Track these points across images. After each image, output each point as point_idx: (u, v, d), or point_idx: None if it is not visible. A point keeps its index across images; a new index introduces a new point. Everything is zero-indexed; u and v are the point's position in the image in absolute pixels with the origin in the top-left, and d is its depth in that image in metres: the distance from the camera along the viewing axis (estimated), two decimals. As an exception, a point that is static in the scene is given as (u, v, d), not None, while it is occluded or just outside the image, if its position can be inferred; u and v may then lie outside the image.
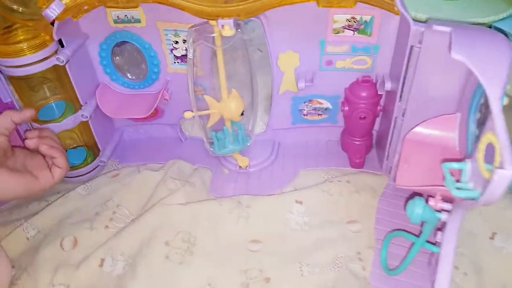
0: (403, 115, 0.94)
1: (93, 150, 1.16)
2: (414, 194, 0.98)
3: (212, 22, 0.88)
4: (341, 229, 0.95)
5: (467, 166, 0.64)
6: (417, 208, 0.75)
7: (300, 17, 0.95)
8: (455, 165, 0.66)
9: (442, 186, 0.75)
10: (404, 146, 0.92)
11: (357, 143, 1.12)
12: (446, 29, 0.73)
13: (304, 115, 1.16)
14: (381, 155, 1.11)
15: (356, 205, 1.00)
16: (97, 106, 1.10)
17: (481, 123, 0.78)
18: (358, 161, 1.11)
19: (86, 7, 0.88)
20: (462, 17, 1.02)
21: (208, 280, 0.87)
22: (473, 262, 0.86)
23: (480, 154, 0.60)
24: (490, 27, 1.03)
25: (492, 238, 0.91)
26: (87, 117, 1.06)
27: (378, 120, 1.12)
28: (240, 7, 0.81)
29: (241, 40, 0.94)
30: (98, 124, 1.13)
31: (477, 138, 0.79)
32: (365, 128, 1.10)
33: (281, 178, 1.10)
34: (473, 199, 0.60)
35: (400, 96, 0.93)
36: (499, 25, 1.01)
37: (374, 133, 1.16)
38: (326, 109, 1.14)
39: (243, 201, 1.02)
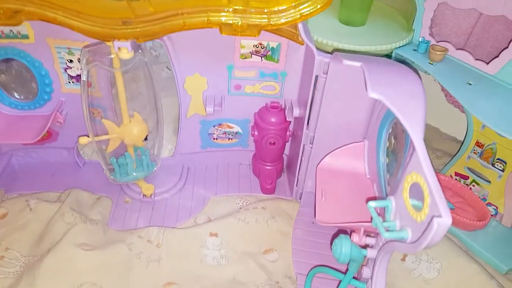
0: (311, 143, 0.94)
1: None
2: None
3: (109, 43, 0.81)
4: (258, 260, 0.91)
5: (391, 204, 0.62)
6: (344, 248, 0.73)
7: (207, 41, 0.91)
8: (379, 204, 0.63)
9: (366, 222, 0.74)
10: (317, 177, 0.91)
11: (268, 168, 1.11)
12: (357, 64, 0.73)
13: (214, 139, 1.11)
14: (291, 180, 1.11)
15: (273, 233, 0.97)
16: (-23, 130, 0.96)
17: (393, 152, 0.79)
18: (268, 186, 1.09)
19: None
20: (366, 43, 1.05)
21: None
22: (387, 284, 0.87)
23: (405, 193, 0.58)
24: (391, 54, 1.07)
25: (403, 259, 0.93)
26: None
27: (288, 144, 1.12)
28: (138, 30, 0.74)
29: (142, 62, 0.88)
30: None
31: (390, 169, 0.79)
32: (275, 153, 1.09)
33: (191, 207, 1.05)
34: (402, 238, 0.57)
35: (308, 123, 0.93)
36: (400, 51, 1.06)
37: (285, 157, 1.16)
38: (236, 133, 1.11)
39: (152, 238, 0.94)
